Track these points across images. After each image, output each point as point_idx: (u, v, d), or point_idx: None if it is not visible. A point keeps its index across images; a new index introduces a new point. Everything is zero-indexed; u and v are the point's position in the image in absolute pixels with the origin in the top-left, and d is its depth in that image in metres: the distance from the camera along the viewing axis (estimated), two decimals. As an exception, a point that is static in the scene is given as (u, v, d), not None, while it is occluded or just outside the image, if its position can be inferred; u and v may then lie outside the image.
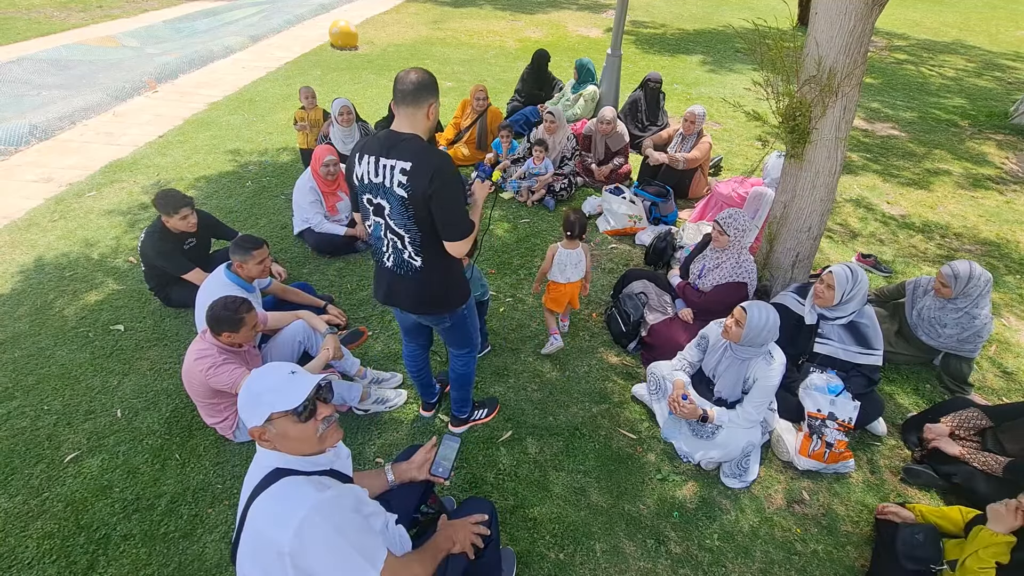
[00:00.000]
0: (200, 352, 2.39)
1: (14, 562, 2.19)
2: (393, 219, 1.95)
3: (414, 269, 2.04)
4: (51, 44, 8.17)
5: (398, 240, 1.99)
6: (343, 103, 4.45)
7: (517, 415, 2.88)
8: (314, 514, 1.30)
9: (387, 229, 1.99)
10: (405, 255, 2.02)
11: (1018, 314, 3.77)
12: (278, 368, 1.48)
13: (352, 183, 2.02)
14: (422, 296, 2.12)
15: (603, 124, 4.82)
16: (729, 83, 7.98)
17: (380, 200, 1.95)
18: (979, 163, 5.93)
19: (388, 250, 2.05)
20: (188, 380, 2.48)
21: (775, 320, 2.41)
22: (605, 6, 13.02)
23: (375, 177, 1.91)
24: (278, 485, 1.37)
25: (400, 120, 1.92)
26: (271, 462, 1.42)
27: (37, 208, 4.49)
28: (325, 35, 9.55)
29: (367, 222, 2.07)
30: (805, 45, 2.90)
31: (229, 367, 2.38)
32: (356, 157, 1.97)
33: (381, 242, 2.06)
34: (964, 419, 2.62)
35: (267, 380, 1.43)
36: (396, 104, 1.92)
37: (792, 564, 2.29)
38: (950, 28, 12.15)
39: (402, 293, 2.13)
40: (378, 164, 1.89)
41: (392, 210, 1.93)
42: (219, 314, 2.35)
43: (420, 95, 1.89)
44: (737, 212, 3.08)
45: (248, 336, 2.45)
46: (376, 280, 2.21)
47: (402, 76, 1.90)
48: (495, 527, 1.90)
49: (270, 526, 1.32)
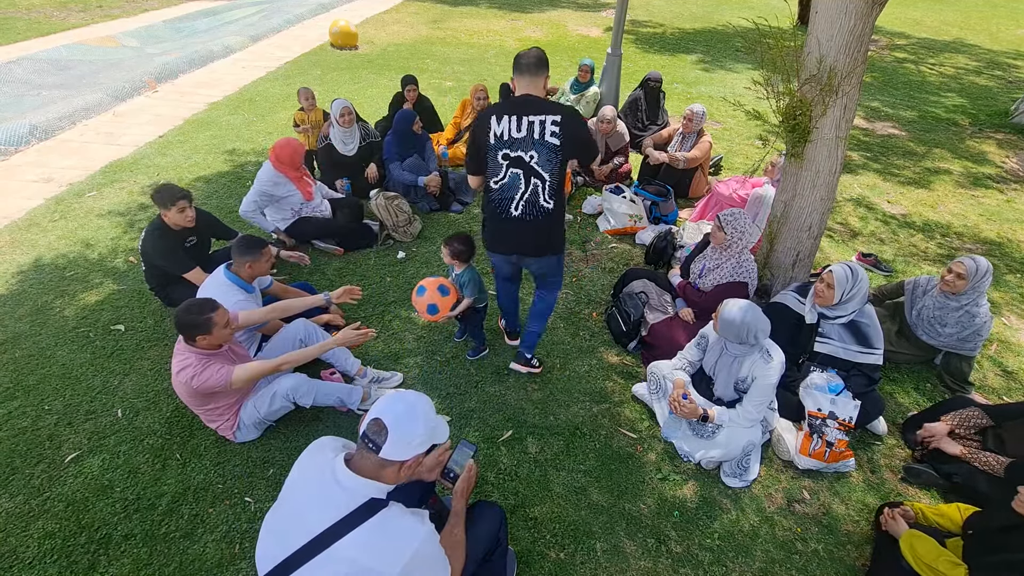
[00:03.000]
0: (181, 363, 2.35)
1: (15, 562, 2.19)
2: (540, 165, 2.35)
3: (545, 212, 2.45)
4: (51, 44, 8.17)
5: (540, 184, 2.39)
6: (343, 104, 4.45)
7: (517, 415, 2.88)
8: (424, 548, 1.40)
9: (528, 177, 2.38)
10: (540, 199, 2.42)
11: (1019, 313, 3.77)
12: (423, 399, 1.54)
13: (482, 144, 2.39)
14: (548, 237, 2.56)
15: (603, 123, 4.82)
16: (729, 82, 7.98)
17: (520, 152, 2.35)
18: (979, 162, 5.93)
19: (521, 198, 2.42)
20: (179, 392, 2.46)
21: (752, 317, 2.41)
22: (605, 5, 13.02)
23: (517, 132, 2.31)
24: (381, 518, 1.39)
25: (524, 87, 2.36)
26: (367, 492, 1.41)
27: (37, 208, 4.49)
28: (325, 35, 9.55)
29: (498, 176, 2.41)
30: (805, 44, 2.90)
31: (214, 368, 2.35)
32: (490, 120, 2.35)
33: (515, 190, 2.42)
34: (965, 418, 2.62)
35: (430, 410, 1.52)
36: (520, 75, 2.36)
37: (792, 563, 2.29)
38: (950, 27, 12.15)
39: (529, 238, 2.53)
40: (520, 121, 2.30)
41: (540, 157, 2.34)
42: (185, 320, 2.30)
43: (541, 67, 2.34)
44: (739, 212, 3.08)
45: (224, 335, 2.39)
46: (497, 234, 2.58)
47: (524, 53, 2.36)
48: (503, 532, 1.91)
49: (375, 559, 1.35)
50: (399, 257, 4.07)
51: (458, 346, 3.29)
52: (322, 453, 1.53)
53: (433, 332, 3.39)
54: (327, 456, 1.50)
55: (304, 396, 2.62)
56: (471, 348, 3.24)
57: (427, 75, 7.78)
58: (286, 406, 2.63)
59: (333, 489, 1.42)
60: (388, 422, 1.42)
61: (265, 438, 2.70)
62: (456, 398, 2.97)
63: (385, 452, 1.41)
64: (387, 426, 1.41)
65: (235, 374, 2.37)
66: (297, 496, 1.48)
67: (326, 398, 2.69)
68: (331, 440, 1.60)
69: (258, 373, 2.45)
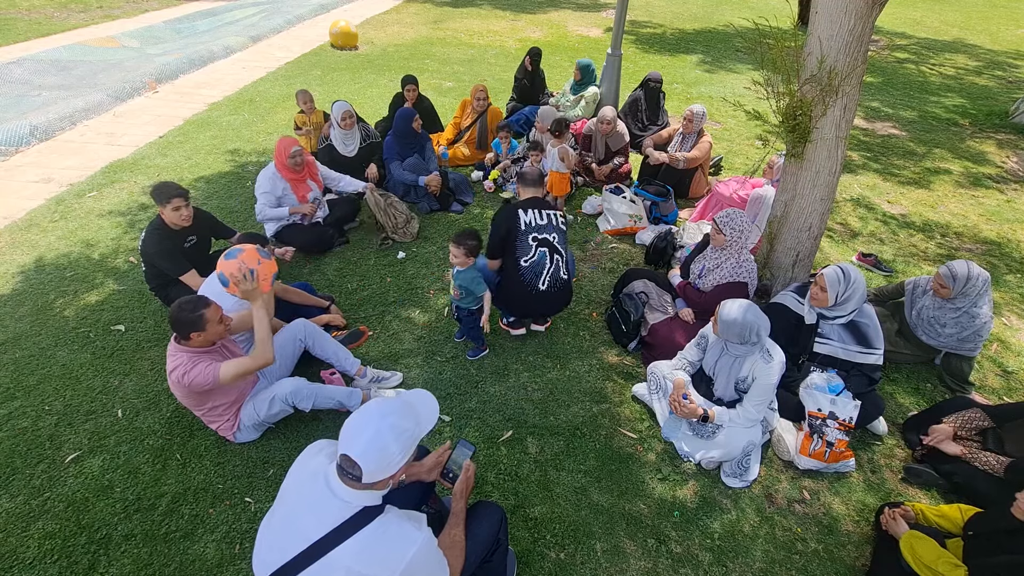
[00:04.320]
0: (173, 363, 2.35)
1: (15, 562, 2.19)
2: (560, 245, 3.11)
3: (563, 282, 3.14)
4: (51, 44, 8.17)
5: (560, 259, 3.10)
6: (344, 107, 4.44)
7: (517, 415, 2.88)
8: (420, 554, 1.40)
9: (552, 255, 3.07)
10: (560, 272, 3.11)
11: (1019, 313, 3.76)
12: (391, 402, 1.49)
13: (516, 230, 3.05)
14: (566, 300, 3.25)
15: (603, 124, 4.81)
16: (729, 82, 7.98)
17: (546, 235, 3.07)
18: (979, 162, 5.93)
19: (547, 273, 3.06)
20: (175, 393, 2.46)
21: (753, 315, 2.41)
22: (605, 5, 13.02)
23: (541, 220, 3.09)
24: (376, 525, 1.38)
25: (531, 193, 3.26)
26: (362, 501, 1.40)
27: (37, 208, 4.50)
28: (325, 35, 9.56)
29: (528, 255, 3.05)
30: (806, 44, 2.90)
31: (202, 365, 2.35)
32: (519, 213, 3.08)
33: (543, 267, 3.05)
34: (965, 419, 2.62)
35: (401, 419, 1.45)
36: (526, 186, 3.29)
37: (792, 563, 2.29)
38: (951, 27, 12.15)
39: (553, 304, 3.22)
40: (540, 213, 3.11)
41: (559, 239, 3.11)
42: (178, 317, 2.30)
43: (540, 182, 3.35)
44: (736, 212, 3.07)
45: (218, 331, 2.40)
46: (524, 305, 3.18)
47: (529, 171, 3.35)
48: (504, 533, 1.91)
49: (371, 566, 1.35)
50: (399, 257, 4.07)
51: (458, 346, 3.29)
52: (316, 458, 1.51)
53: (433, 332, 3.39)
54: (321, 461, 1.49)
55: (304, 400, 2.62)
56: (471, 348, 3.24)
57: (427, 75, 7.78)
58: (285, 410, 2.63)
59: (327, 497, 1.40)
60: (356, 456, 1.36)
61: (265, 438, 2.70)
62: (456, 398, 2.97)
63: (367, 479, 1.38)
64: (356, 461, 1.36)
65: (221, 370, 2.36)
66: (292, 502, 1.47)
67: (326, 401, 2.69)
68: (327, 443, 1.59)
69: (244, 368, 2.42)
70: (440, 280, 3.86)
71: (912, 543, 2.09)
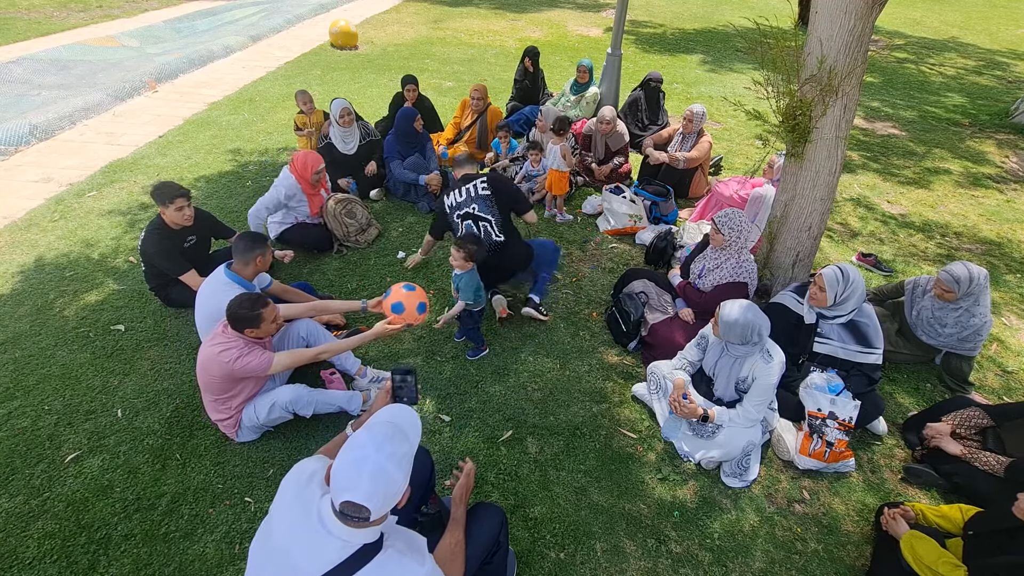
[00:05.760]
0: (225, 344, 2.40)
1: (15, 562, 2.19)
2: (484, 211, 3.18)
3: (499, 243, 3.19)
4: (51, 44, 8.17)
5: (488, 224, 3.18)
6: (343, 105, 4.45)
7: (517, 415, 2.88)
8: None
9: (477, 223, 3.19)
10: (493, 236, 3.18)
11: (1018, 313, 3.77)
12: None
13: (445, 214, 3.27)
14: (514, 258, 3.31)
15: (603, 123, 4.81)
16: (729, 82, 7.98)
17: (467, 209, 3.19)
18: (979, 162, 5.93)
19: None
20: (206, 372, 2.45)
21: (753, 315, 2.41)
22: (605, 5, 13.02)
23: (460, 197, 3.20)
24: (376, 565, 1.33)
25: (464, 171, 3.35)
26: (360, 539, 1.33)
27: (37, 208, 4.49)
28: (325, 35, 9.55)
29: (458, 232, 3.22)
30: (806, 44, 2.90)
31: (257, 353, 2.43)
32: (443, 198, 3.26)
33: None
34: (965, 418, 2.62)
35: (395, 445, 1.37)
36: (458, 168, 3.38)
37: (792, 563, 2.29)
38: (950, 27, 12.15)
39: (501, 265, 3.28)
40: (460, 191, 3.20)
41: (480, 206, 3.18)
42: (237, 313, 2.37)
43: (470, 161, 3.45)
44: (735, 212, 3.07)
45: (270, 330, 2.48)
46: (481, 277, 3.11)
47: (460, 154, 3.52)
48: (504, 535, 1.91)
49: None
50: (399, 257, 4.07)
51: (458, 346, 3.29)
52: (307, 488, 1.44)
53: (433, 332, 3.39)
54: (312, 493, 1.42)
55: (304, 407, 2.63)
56: (471, 348, 3.24)
57: (427, 75, 7.78)
58: (284, 416, 2.64)
59: (322, 536, 1.33)
60: (362, 500, 1.29)
61: (265, 438, 2.70)
62: (456, 398, 2.96)
63: (376, 516, 1.31)
64: (364, 504, 1.29)
65: (276, 359, 2.47)
66: (284, 536, 1.40)
67: (326, 407, 2.70)
68: (313, 463, 1.53)
69: (298, 360, 2.56)
70: (440, 280, 3.86)
71: (912, 543, 2.09)
